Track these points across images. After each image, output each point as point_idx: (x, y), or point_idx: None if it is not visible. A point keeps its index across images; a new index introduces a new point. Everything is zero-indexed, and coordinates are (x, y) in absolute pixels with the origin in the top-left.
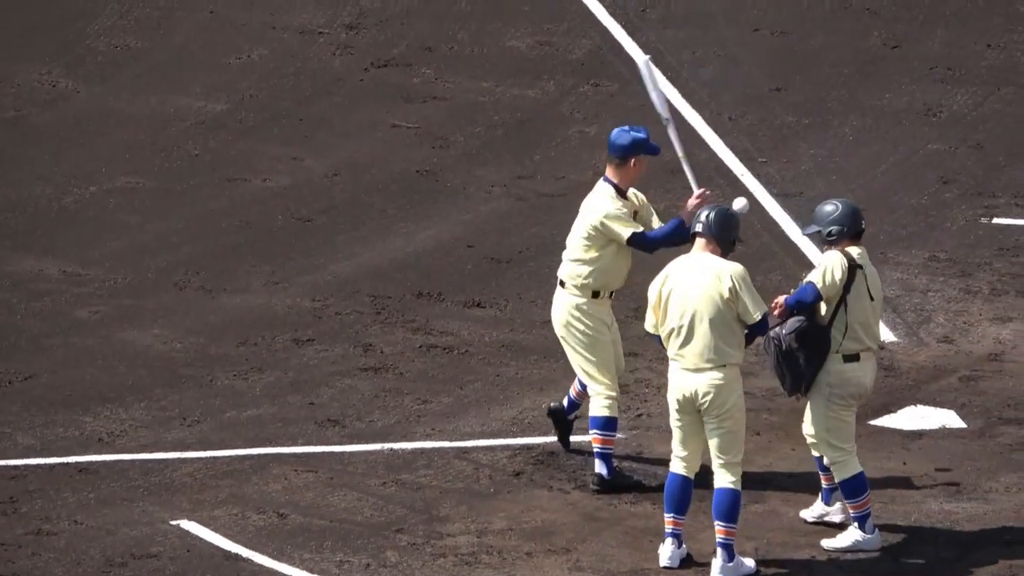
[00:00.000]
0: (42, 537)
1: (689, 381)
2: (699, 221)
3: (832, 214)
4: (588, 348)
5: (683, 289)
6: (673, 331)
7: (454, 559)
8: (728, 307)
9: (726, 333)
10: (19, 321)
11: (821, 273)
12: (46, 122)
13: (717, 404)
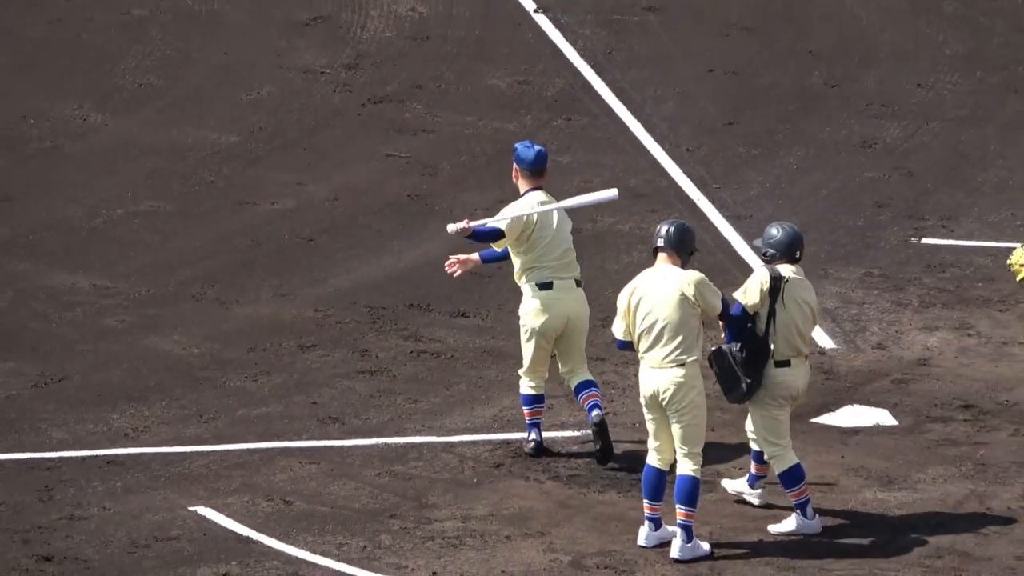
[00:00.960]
0: (74, 521)
1: (655, 378)
2: (660, 236)
3: (773, 238)
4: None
5: (651, 297)
6: (643, 333)
7: (441, 542)
8: (692, 310)
9: (688, 334)
10: (53, 329)
11: (742, 289)
12: (78, 152)
13: (678, 399)
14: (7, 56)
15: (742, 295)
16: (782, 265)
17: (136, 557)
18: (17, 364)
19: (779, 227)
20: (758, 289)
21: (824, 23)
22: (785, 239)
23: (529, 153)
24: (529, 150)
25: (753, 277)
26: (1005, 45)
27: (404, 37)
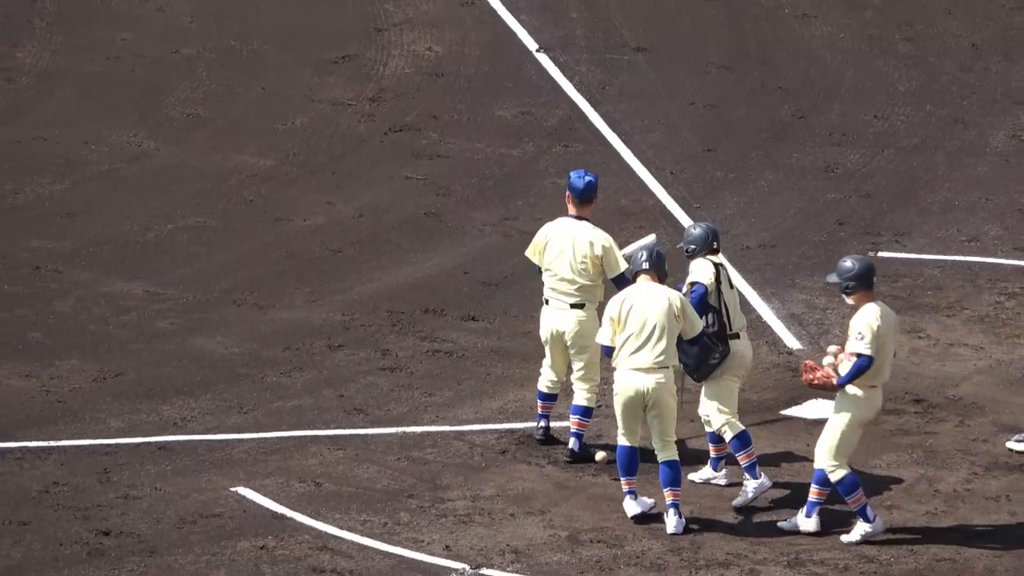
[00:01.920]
0: (129, 500)
1: (640, 380)
2: (645, 261)
3: (690, 236)
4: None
5: (643, 306)
6: (630, 337)
7: (453, 519)
8: (676, 322)
9: (671, 342)
10: (111, 330)
11: (697, 274)
12: (133, 174)
13: (663, 398)
14: (71, 89)
15: (700, 276)
16: (710, 256)
17: (184, 532)
18: (79, 361)
19: (695, 227)
20: (710, 271)
21: (792, 62)
22: (702, 234)
23: (576, 181)
24: (580, 180)
25: (700, 264)
26: (952, 82)
27: (421, 73)
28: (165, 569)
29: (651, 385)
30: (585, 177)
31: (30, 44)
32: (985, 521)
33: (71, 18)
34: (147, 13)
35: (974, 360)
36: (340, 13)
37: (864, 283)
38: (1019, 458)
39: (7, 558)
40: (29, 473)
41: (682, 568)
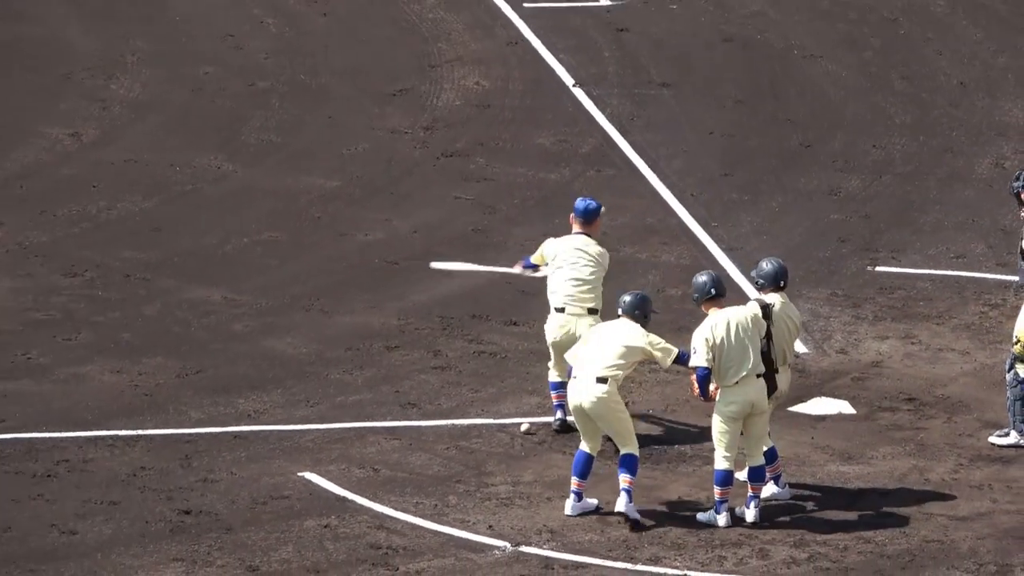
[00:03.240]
0: (208, 483)
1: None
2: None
3: (763, 270)
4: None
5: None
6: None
7: (496, 501)
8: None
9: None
10: (192, 332)
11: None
12: (214, 193)
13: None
14: (159, 118)
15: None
16: (775, 293)
17: (256, 512)
18: (164, 359)
19: (768, 261)
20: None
21: (800, 97)
22: (772, 271)
23: (580, 205)
24: (581, 203)
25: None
26: (942, 116)
27: (470, 105)
28: (239, 545)
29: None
30: (588, 201)
31: (123, 77)
32: (970, 507)
33: (159, 54)
34: (227, 50)
35: (961, 363)
36: (398, 51)
37: (705, 296)
38: (1000, 451)
39: (99, 534)
40: (119, 458)
41: (699, 547)
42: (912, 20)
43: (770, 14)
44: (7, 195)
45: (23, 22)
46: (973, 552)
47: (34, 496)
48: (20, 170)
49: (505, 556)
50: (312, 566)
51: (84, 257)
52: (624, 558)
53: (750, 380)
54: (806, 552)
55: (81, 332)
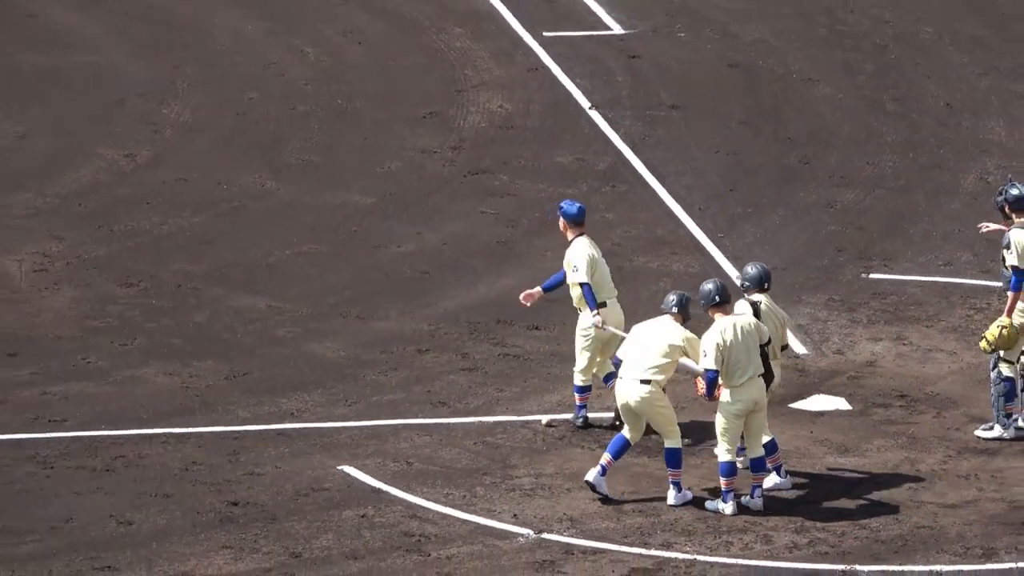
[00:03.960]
0: (254, 476)
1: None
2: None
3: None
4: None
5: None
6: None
7: (519, 492)
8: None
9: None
10: (239, 338)
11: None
12: (258, 209)
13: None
14: (207, 139)
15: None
16: (759, 294)
17: (299, 503)
18: (213, 363)
19: (752, 265)
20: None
21: (799, 118)
22: (756, 275)
23: (573, 208)
24: (572, 206)
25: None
26: (931, 135)
27: (494, 126)
28: (283, 533)
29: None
30: (576, 204)
31: (174, 102)
32: (958, 496)
33: (207, 81)
34: (270, 77)
35: (949, 363)
36: (427, 77)
37: (711, 303)
38: (985, 444)
39: (154, 524)
40: (172, 454)
41: (708, 533)
42: (902, 47)
43: (771, 41)
44: (67, 212)
45: (82, 52)
46: (961, 537)
47: (94, 489)
48: (79, 189)
49: (528, 542)
50: (350, 552)
51: (139, 269)
52: (639, 544)
53: (754, 381)
54: (806, 538)
55: (136, 338)
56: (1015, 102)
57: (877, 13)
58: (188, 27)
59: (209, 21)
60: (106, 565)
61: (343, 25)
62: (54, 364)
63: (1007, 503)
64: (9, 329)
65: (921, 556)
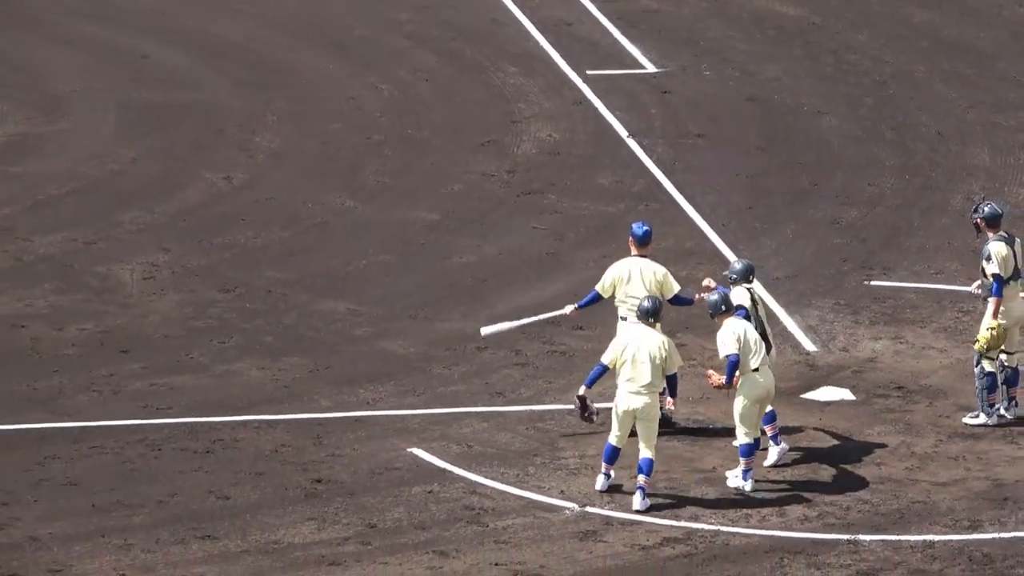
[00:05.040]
0: (335, 457)
1: (633, 400)
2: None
3: (733, 268)
4: None
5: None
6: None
7: (565, 471)
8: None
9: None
10: (322, 336)
11: (738, 299)
12: (339, 225)
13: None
14: (294, 164)
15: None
16: (746, 284)
17: (373, 480)
18: (300, 359)
19: (739, 261)
20: (746, 299)
21: (809, 145)
22: (743, 268)
23: (637, 230)
24: (639, 228)
25: (737, 294)
26: (924, 160)
27: (544, 153)
28: (360, 507)
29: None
30: (643, 226)
31: (266, 131)
32: (948, 475)
33: (295, 113)
34: (350, 110)
35: (940, 359)
36: (486, 110)
37: (717, 312)
38: (972, 430)
39: (248, 498)
40: (263, 438)
41: (730, 508)
42: (899, 83)
43: (784, 79)
44: (173, 228)
45: (187, 88)
46: (951, 510)
47: (195, 468)
48: (184, 207)
49: (573, 515)
50: (419, 524)
51: (235, 277)
52: (670, 516)
53: (766, 368)
54: (816, 511)
55: (233, 337)
56: (997, 131)
57: (876, 54)
58: (279, 67)
59: (297, 62)
60: (206, 534)
61: (413, 65)
62: (161, 360)
63: (991, 481)
64: (122, 329)
65: (916, 527)
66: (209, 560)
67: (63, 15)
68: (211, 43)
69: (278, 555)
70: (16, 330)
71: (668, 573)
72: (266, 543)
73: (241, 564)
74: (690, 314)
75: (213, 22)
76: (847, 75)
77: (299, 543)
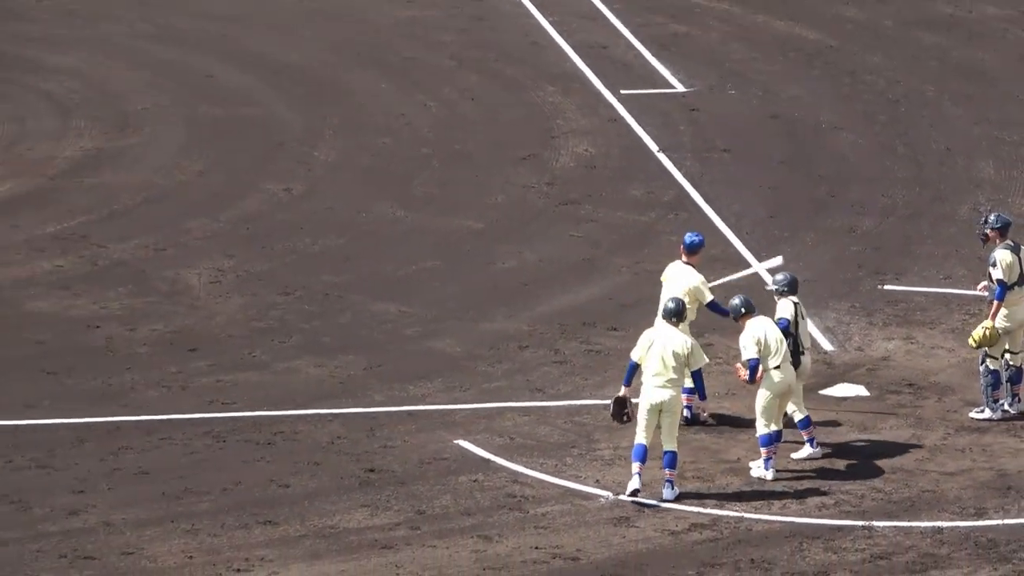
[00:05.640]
0: (387, 448)
1: (659, 393)
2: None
3: (778, 280)
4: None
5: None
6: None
7: (600, 462)
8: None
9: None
10: (375, 336)
11: (781, 311)
12: (390, 232)
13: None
14: (349, 176)
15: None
16: (792, 296)
17: (423, 469)
18: (354, 356)
19: (783, 273)
20: (789, 311)
21: (827, 160)
22: (789, 280)
23: (688, 239)
24: (691, 236)
25: (781, 307)
26: (933, 173)
27: (581, 166)
28: (410, 495)
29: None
30: (694, 236)
31: (322, 145)
32: (955, 465)
33: (349, 128)
34: (400, 126)
35: (948, 358)
36: (526, 126)
37: (739, 314)
38: (978, 423)
39: (306, 487)
40: (321, 430)
41: (753, 495)
42: (910, 102)
43: (804, 98)
44: (237, 235)
45: (249, 105)
46: (958, 499)
47: (258, 459)
48: (246, 216)
49: (608, 503)
50: (465, 510)
51: (294, 280)
52: (696, 504)
53: (786, 365)
54: (833, 499)
55: (292, 336)
56: (1001, 146)
57: (890, 75)
58: (335, 86)
59: (351, 82)
60: (267, 520)
61: (459, 85)
62: (226, 357)
63: (995, 472)
64: (190, 329)
65: (926, 514)
66: (270, 544)
67: (135, 38)
68: (272, 64)
69: (334, 539)
70: (92, 330)
71: (695, 556)
72: (323, 528)
73: (300, 547)
74: (716, 316)
75: (274, 45)
76: (862, 94)
77: (353, 528)
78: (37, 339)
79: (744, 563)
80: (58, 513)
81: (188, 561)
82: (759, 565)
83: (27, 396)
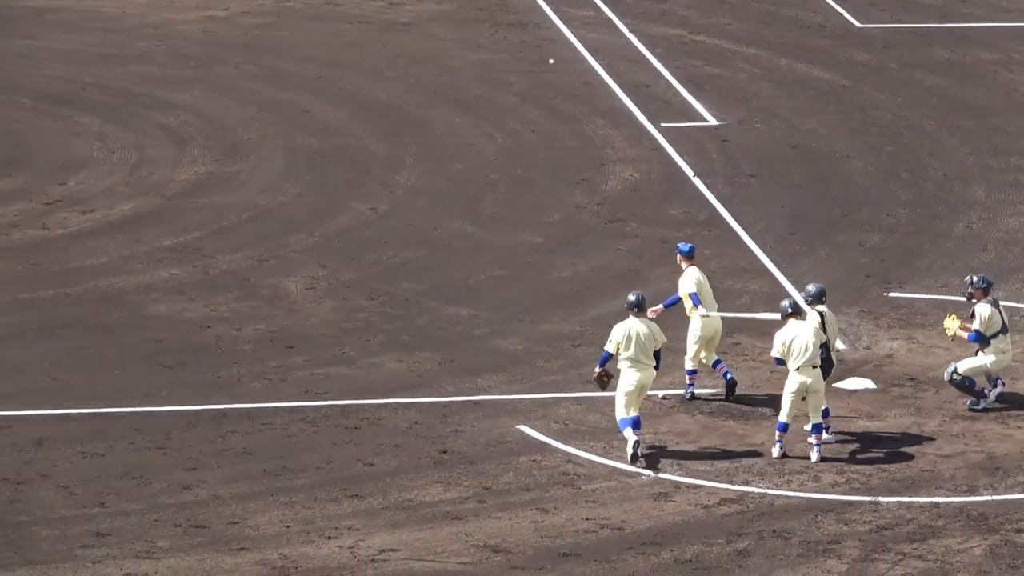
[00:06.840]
0: (457, 432)
1: (642, 375)
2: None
3: (808, 291)
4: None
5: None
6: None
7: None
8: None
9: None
10: (447, 335)
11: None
12: (460, 246)
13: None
14: (427, 197)
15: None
16: (819, 306)
17: (489, 451)
18: (429, 353)
19: (813, 285)
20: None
21: (840, 184)
22: (818, 291)
23: (685, 247)
24: (685, 245)
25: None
26: (932, 195)
27: (627, 189)
28: (478, 473)
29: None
30: (688, 244)
31: (403, 171)
32: (951, 449)
33: (427, 155)
34: (471, 154)
35: (944, 356)
36: (580, 154)
37: (785, 314)
38: (970, 413)
39: (388, 465)
40: (400, 417)
41: (775, 475)
42: (912, 133)
43: (820, 130)
44: (329, 248)
45: (341, 136)
46: (952, 478)
47: (346, 441)
48: (338, 231)
49: (649, 480)
50: (525, 486)
51: (378, 287)
52: (726, 481)
53: (806, 368)
54: (844, 477)
55: (376, 336)
56: (991, 173)
57: (895, 110)
58: (415, 120)
59: (429, 116)
60: (354, 494)
61: (521, 118)
62: (319, 354)
63: (985, 454)
64: (288, 330)
65: (925, 491)
66: (356, 515)
67: (242, 79)
68: (361, 101)
69: (412, 511)
70: (204, 330)
71: (724, 527)
72: (402, 501)
73: (382, 518)
74: (743, 319)
75: (362, 85)
76: (871, 127)
77: (428, 501)
78: (156, 338)
79: (767, 533)
80: (173, 488)
81: (286, 530)
82: (780, 535)
83: (147, 387)
